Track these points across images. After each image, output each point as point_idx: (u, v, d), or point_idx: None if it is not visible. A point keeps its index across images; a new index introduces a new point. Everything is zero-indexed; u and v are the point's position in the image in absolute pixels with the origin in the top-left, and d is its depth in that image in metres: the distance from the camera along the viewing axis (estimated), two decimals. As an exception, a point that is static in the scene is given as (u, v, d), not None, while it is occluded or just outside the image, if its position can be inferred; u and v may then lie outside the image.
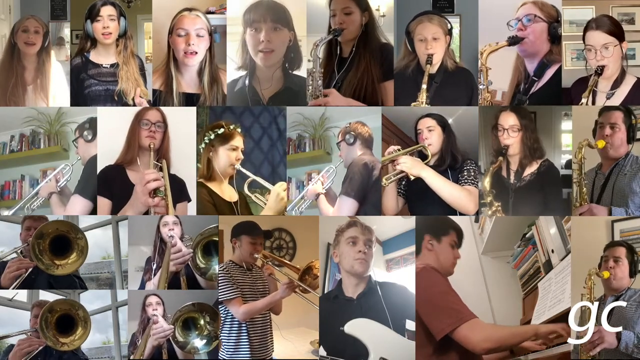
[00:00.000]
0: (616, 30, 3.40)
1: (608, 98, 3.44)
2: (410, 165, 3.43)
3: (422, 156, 3.48)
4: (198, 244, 3.47)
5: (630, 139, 3.41)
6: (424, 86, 3.44)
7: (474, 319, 3.07)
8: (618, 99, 3.44)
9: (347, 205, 3.41)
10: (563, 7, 3.50)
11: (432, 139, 3.47)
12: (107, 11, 3.53)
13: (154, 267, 3.50)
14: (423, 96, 3.46)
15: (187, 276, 3.49)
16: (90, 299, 3.67)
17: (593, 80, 3.38)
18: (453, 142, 3.49)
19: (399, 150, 3.47)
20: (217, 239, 3.47)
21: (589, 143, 3.41)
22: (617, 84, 3.44)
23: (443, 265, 3.28)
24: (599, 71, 3.37)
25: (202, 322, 3.50)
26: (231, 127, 3.45)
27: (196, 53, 3.52)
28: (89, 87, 3.56)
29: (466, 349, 3.04)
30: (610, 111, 3.42)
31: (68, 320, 3.43)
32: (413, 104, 3.47)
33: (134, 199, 3.36)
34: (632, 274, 3.37)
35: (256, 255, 3.48)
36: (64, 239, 3.38)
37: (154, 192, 3.35)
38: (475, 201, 3.41)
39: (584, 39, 3.43)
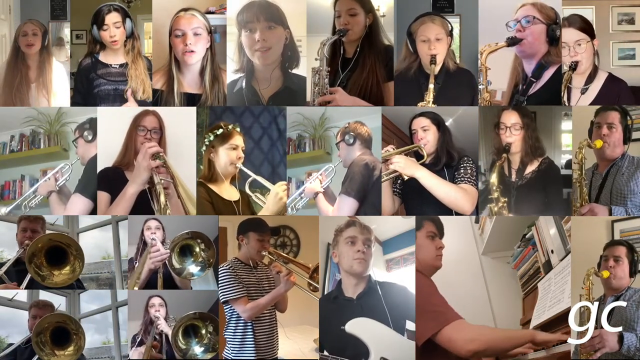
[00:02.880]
0: (587, 28, 3.49)
1: (582, 93, 3.50)
2: (404, 165, 3.42)
3: (418, 156, 3.48)
4: (174, 247, 3.48)
5: (627, 139, 3.43)
6: (431, 86, 3.45)
7: (459, 320, 3.00)
8: (592, 94, 3.50)
9: (347, 205, 3.41)
10: (563, 7, 3.51)
11: (428, 138, 3.48)
12: (112, 19, 3.56)
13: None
14: (430, 95, 3.47)
15: (164, 275, 3.52)
16: (90, 299, 3.68)
17: (567, 75, 3.45)
18: (448, 140, 3.49)
19: (393, 150, 3.47)
20: (191, 242, 3.49)
21: (588, 143, 3.42)
22: (590, 79, 3.50)
23: (424, 261, 3.26)
24: (573, 66, 3.45)
25: (203, 331, 3.51)
26: (230, 127, 3.46)
27: (194, 52, 3.53)
28: (98, 87, 3.59)
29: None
30: (607, 111, 3.44)
31: (62, 332, 3.43)
32: (420, 104, 3.49)
33: (136, 170, 3.38)
34: (632, 273, 3.37)
35: (264, 253, 3.47)
36: (59, 250, 3.39)
37: (154, 158, 3.38)
38: (472, 200, 3.41)
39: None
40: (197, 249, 3.49)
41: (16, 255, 3.44)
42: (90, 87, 3.59)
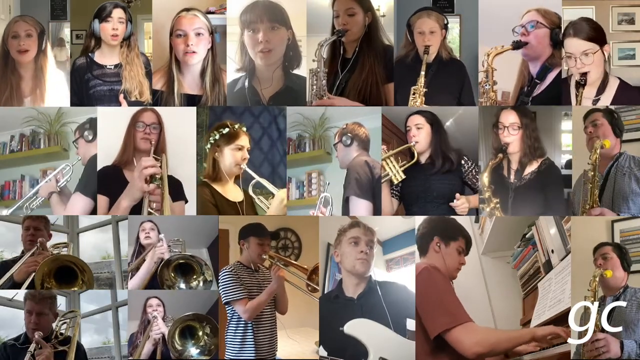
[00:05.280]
0: (596, 35, 3.38)
1: (594, 104, 3.46)
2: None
3: (411, 156, 3.50)
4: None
5: (617, 134, 3.41)
6: (422, 72, 3.50)
7: (469, 322, 3.08)
8: (604, 104, 3.44)
9: (362, 207, 3.43)
10: (563, 8, 3.51)
11: (420, 136, 3.50)
12: (117, 14, 3.54)
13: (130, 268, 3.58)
14: (421, 81, 3.50)
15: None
16: (90, 299, 3.68)
17: (580, 92, 3.39)
18: (444, 141, 3.51)
19: (385, 151, 3.49)
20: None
21: (602, 144, 3.39)
22: (602, 87, 3.43)
23: (448, 268, 3.28)
24: (583, 82, 3.38)
25: (200, 332, 3.51)
26: (236, 126, 3.46)
27: (195, 52, 3.52)
28: (93, 88, 3.57)
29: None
30: (592, 113, 3.43)
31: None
32: (412, 88, 3.50)
33: (130, 186, 3.38)
34: (625, 268, 3.36)
35: (264, 256, 3.48)
36: (69, 269, 3.39)
37: (150, 179, 3.37)
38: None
39: (563, 46, 3.44)
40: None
41: (28, 255, 3.42)
42: (86, 88, 3.57)
